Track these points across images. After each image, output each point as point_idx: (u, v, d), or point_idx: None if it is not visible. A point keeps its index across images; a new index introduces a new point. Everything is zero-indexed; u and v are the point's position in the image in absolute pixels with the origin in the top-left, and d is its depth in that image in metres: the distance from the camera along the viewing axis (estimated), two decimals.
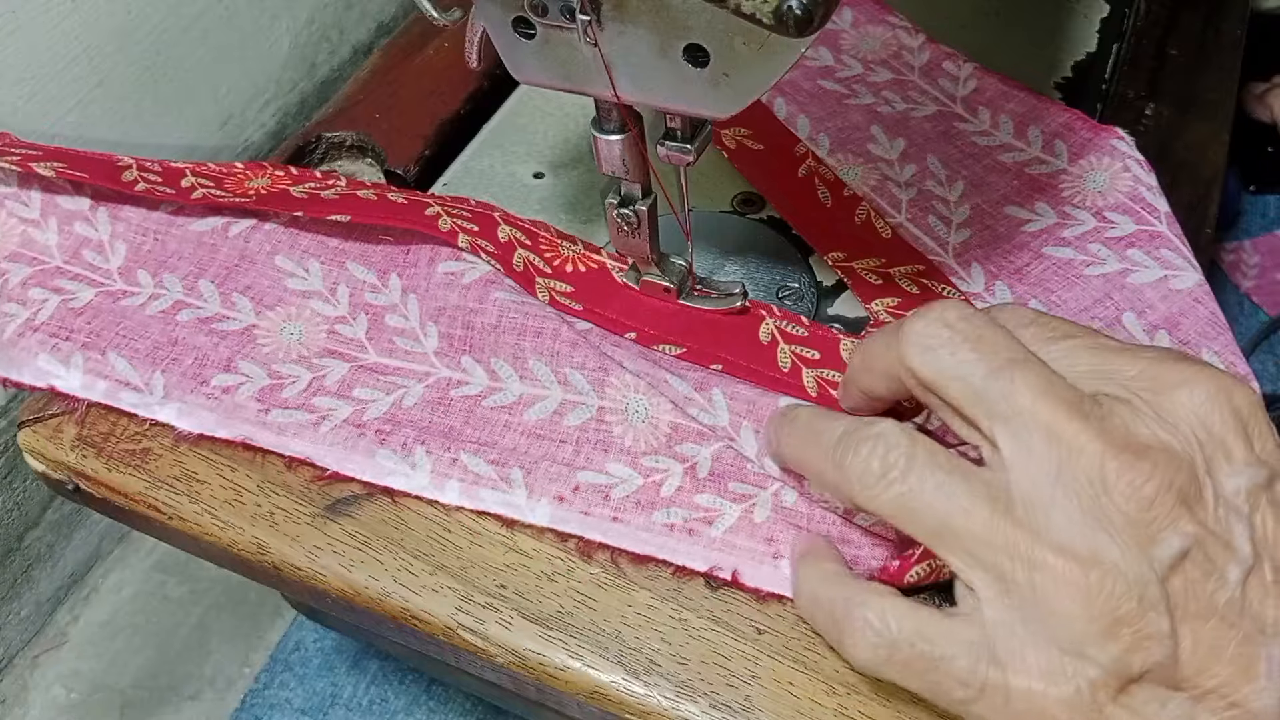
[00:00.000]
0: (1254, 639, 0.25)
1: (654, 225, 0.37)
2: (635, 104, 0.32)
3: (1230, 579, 0.25)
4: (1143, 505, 0.25)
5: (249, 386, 0.37)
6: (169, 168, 0.41)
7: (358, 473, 0.35)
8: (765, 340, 0.38)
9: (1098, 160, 0.42)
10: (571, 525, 0.34)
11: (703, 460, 0.34)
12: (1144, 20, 0.52)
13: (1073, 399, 0.26)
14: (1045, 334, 0.29)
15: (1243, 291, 0.85)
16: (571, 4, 0.28)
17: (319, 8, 0.61)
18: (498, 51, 0.32)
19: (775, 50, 0.27)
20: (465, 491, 0.34)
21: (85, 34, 0.48)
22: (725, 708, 0.30)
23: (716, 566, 0.32)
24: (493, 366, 0.37)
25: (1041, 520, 0.26)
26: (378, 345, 0.38)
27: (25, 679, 0.60)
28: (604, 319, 0.39)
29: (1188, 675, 0.25)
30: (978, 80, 0.47)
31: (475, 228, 0.40)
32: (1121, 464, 0.25)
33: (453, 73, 0.50)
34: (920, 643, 0.27)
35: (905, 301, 0.39)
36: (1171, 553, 0.25)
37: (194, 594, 0.65)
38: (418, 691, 0.65)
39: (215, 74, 0.56)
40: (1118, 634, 0.25)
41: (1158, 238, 0.39)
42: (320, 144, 0.48)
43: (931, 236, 0.41)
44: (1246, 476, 0.26)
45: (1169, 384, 0.26)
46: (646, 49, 0.29)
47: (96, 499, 0.37)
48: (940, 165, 0.44)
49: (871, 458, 0.27)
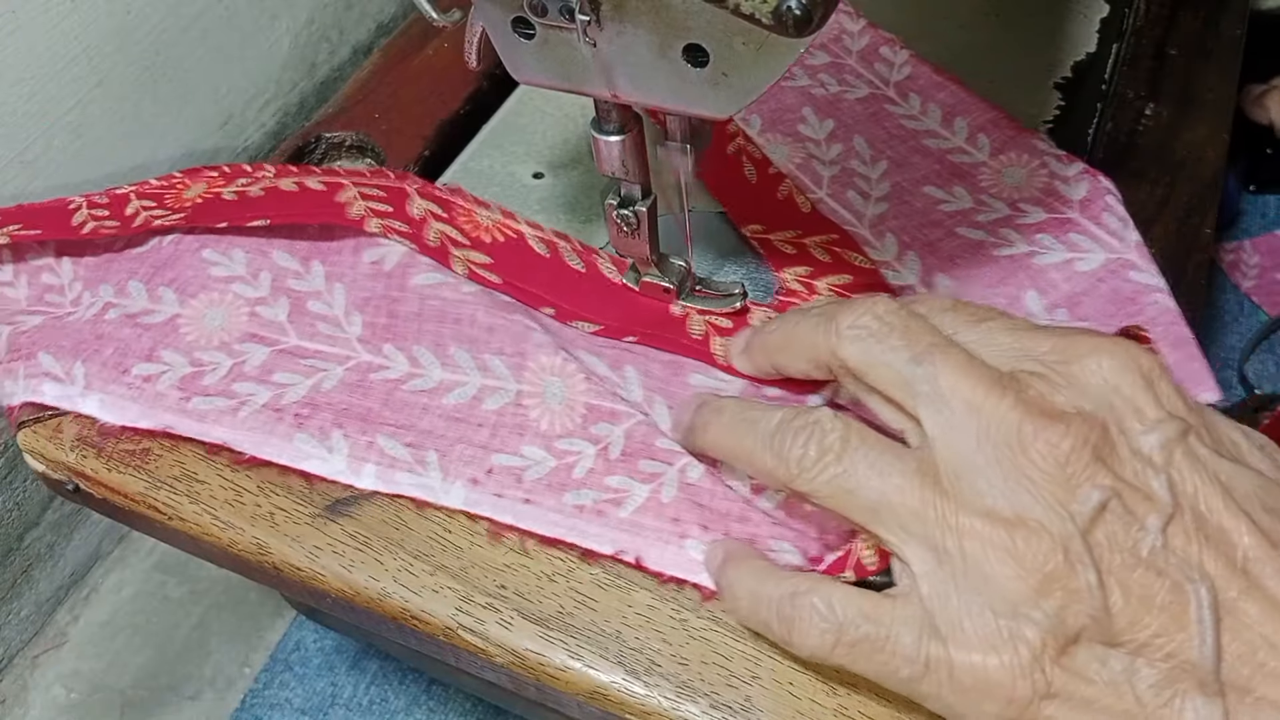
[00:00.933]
0: (1182, 586, 0.25)
1: (654, 226, 0.37)
2: (635, 104, 0.32)
3: (1151, 528, 0.25)
4: (1059, 462, 0.26)
5: (170, 375, 0.37)
6: (115, 196, 0.42)
7: (275, 456, 0.35)
8: (678, 314, 0.39)
9: (1017, 157, 0.44)
10: (484, 508, 0.34)
11: (615, 440, 0.35)
12: (1144, 20, 0.52)
13: (991, 376, 0.27)
14: (963, 319, 0.30)
15: (1243, 291, 0.85)
16: (571, 4, 0.28)
17: (319, 8, 0.61)
18: (497, 51, 0.32)
19: (774, 50, 0.27)
20: (381, 475, 0.35)
21: (85, 34, 0.48)
22: (725, 708, 0.30)
23: (621, 550, 0.33)
24: (414, 353, 0.38)
25: (966, 488, 0.27)
26: (299, 329, 0.38)
27: (25, 679, 0.60)
28: (523, 293, 0.40)
29: (1122, 628, 0.25)
30: (912, 67, 0.48)
31: (388, 208, 0.41)
32: (1037, 426, 0.26)
33: (453, 73, 0.50)
34: (865, 624, 0.27)
35: (817, 270, 0.40)
36: (1091, 505, 0.26)
37: (194, 594, 0.65)
38: (418, 691, 0.65)
39: (215, 74, 0.56)
40: (1049, 591, 0.25)
41: (1067, 223, 0.41)
42: (320, 144, 0.48)
43: (849, 210, 0.43)
44: (1159, 433, 0.27)
45: (1079, 354, 0.28)
46: (646, 49, 0.29)
47: (96, 499, 0.37)
48: (866, 145, 0.45)
49: (809, 444, 0.28)
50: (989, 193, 0.43)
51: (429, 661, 0.52)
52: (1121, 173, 0.44)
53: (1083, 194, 0.42)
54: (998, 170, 0.43)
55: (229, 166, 0.44)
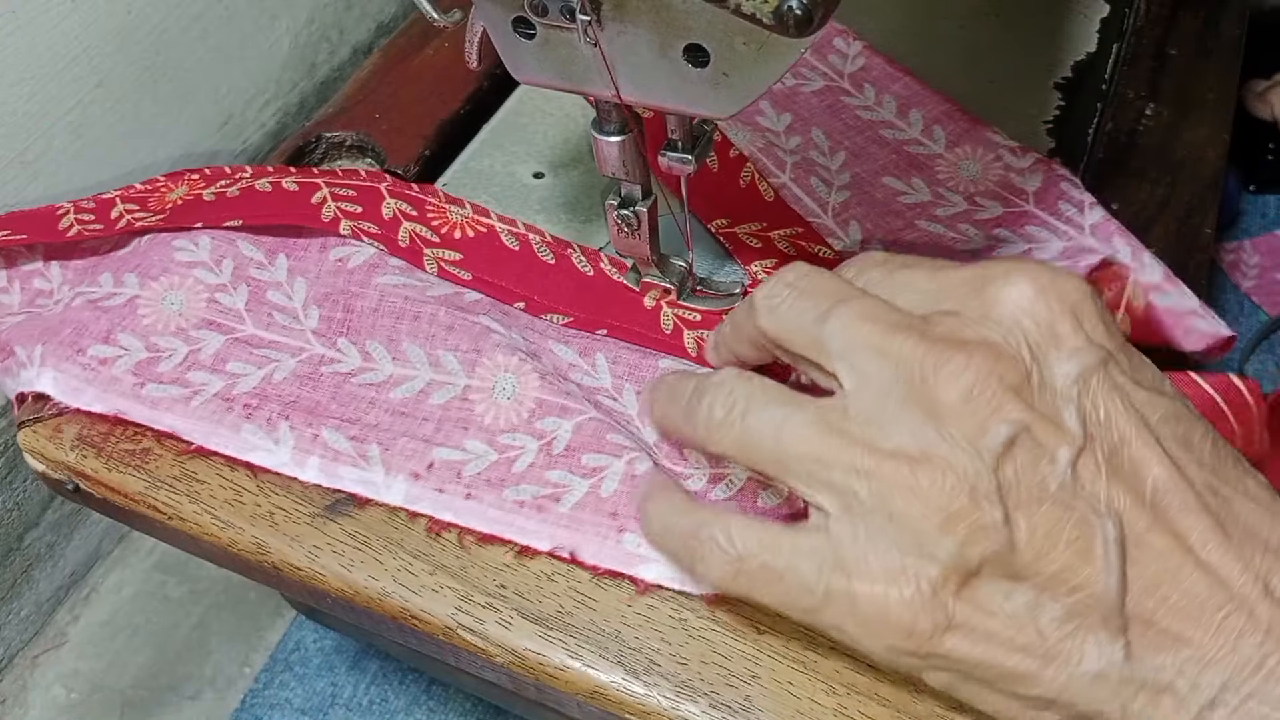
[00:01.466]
0: (1089, 520, 0.25)
1: (654, 226, 0.37)
2: (635, 104, 0.32)
3: (1060, 461, 0.25)
4: (964, 395, 0.25)
5: (126, 360, 0.37)
6: (101, 201, 0.42)
7: (222, 447, 0.35)
8: (649, 306, 0.39)
9: (972, 150, 0.44)
10: (424, 504, 0.34)
11: (561, 435, 0.35)
12: (1144, 20, 0.52)
13: (898, 319, 0.27)
14: (889, 268, 0.30)
15: (1243, 291, 0.85)
16: (571, 4, 0.28)
17: (319, 8, 0.61)
18: (498, 51, 0.32)
19: (775, 50, 0.27)
20: (324, 469, 0.35)
21: (85, 34, 0.48)
22: (725, 708, 0.30)
23: (559, 546, 0.33)
24: (367, 348, 0.38)
25: (875, 431, 0.26)
26: (256, 318, 0.39)
27: (25, 679, 0.60)
28: (494, 287, 0.40)
29: (1027, 562, 0.25)
30: (866, 58, 0.48)
31: (359, 209, 0.41)
32: (939, 358, 0.26)
33: (453, 73, 0.50)
34: (765, 554, 0.27)
35: (781, 263, 0.41)
36: (1000, 440, 0.25)
37: (194, 594, 0.65)
38: (418, 691, 0.65)
39: (215, 74, 0.56)
40: (953, 529, 0.25)
41: (1024, 216, 0.41)
42: (320, 144, 0.48)
43: (813, 197, 0.43)
44: (1076, 361, 0.26)
45: (993, 278, 0.27)
46: (646, 49, 0.29)
47: (96, 499, 0.37)
48: (824, 137, 0.45)
49: (715, 406, 0.29)
50: (946, 185, 0.43)
51: (429, 661, 0.52)
52: (1121, 173, 0.44)
53: (1037, 185, 0.42)
54: (954, 163, 0.44)
55: (210, 169, 0.44)
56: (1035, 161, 0.43)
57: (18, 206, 0.47)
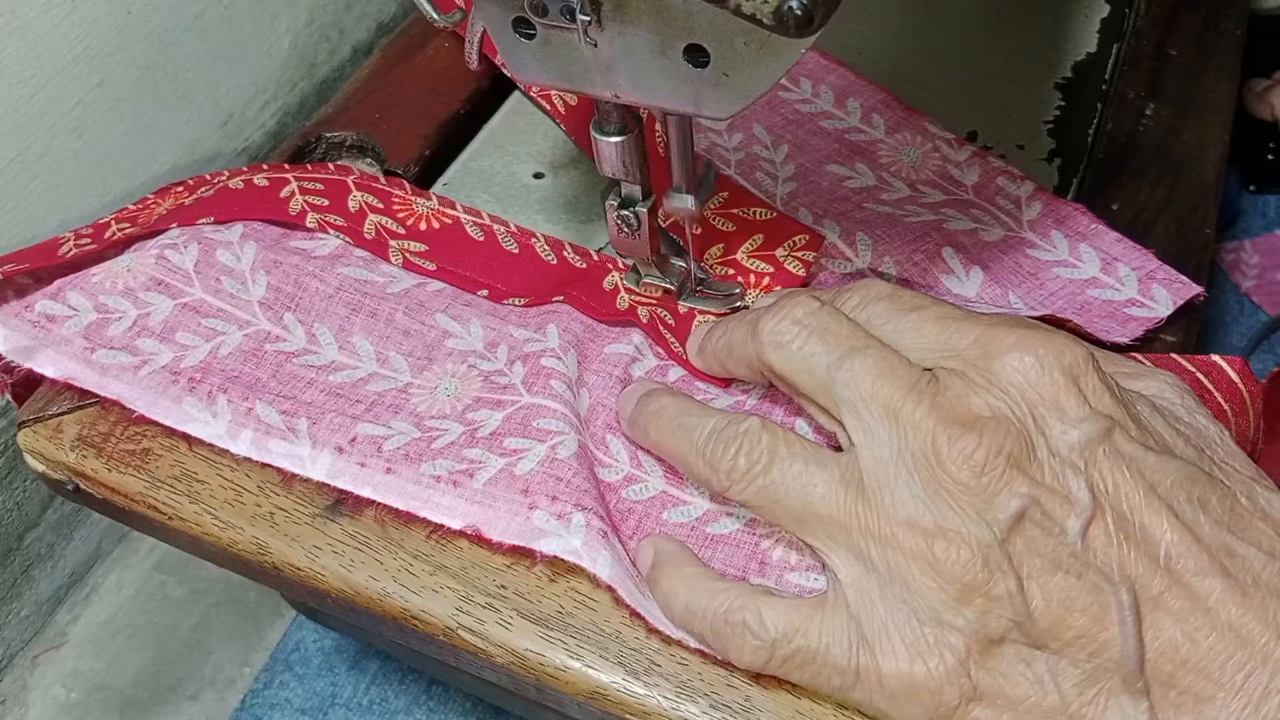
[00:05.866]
0: (1102, 587, 0.25)
1: (654, 227, 0.37)
2: (636, 104, 0.32)
3: (1070, 531, 0.26)
4: (975, 471, 0.26)
5: (75, 321, 0.37)
6: (97, 225, 0.42)
7: (163, 417, 0.36)
8: (608, 288, 0.39)
9: (910, 137, 0.45)
10: (346, 479, 0.34)
11: (489, 423, 0.35)
12: (1144, 20, 0.52)
13: (909, 378, 0.28)
14: (896, 307, 0.30)
15: (1243, 291, 0.85)
16: (571, 4, 0.28)
17: (319, 8, 0.61)
18: (498, 51, 0.32)
19: (775, 50, 0.27)
20: (256, 442, 0.35)
21: (85, 34, 0.48)
22: (725, 708, 0.30)
23: (471, 525, 0.33)
24: (314, 330, 0.38)
25: (889, 498, 0.27)
26: (204, 280, 0.39)
27: (25, 679, 0.60)
28: (457, 277, 0.40)
29: (1045, 630, 0.26)
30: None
31: (325, 202, 0.42)
32: (951, 435, 0.26)
33: (453, 73, 0.50)
34: (797, 638, 0.28)
35: (730, 242, 0.41)
36: (1009, 513, 0.26)
37: (194, 594, 0.65)
38: (418, 691, 0.65)
39: (215, 74, 0.56)
40: (970, 600, 0.26)
41: (966, 203, 0.42)
42: (320, 144, 0.48)
43: (760, 190, 0.43)
44: (1080, 431, 0.27)
45: (1000, 349, 0.28)
46: (647, 49, 0.29)
47: (96, 499, 0.37)
48: (765, 132, 0.46)
49: (739, 455, 0.29)
50: (889, 170, 0.44)
51: (429, 661, 0.52)
52: (1121, 173, 0.44)
53: (975, 179, 0.43)
54: (895, 148, 0.44)
55: (193, 179, 0.44)
56: (972, 155, 0.44)
57: (18, 206, 0.47)
